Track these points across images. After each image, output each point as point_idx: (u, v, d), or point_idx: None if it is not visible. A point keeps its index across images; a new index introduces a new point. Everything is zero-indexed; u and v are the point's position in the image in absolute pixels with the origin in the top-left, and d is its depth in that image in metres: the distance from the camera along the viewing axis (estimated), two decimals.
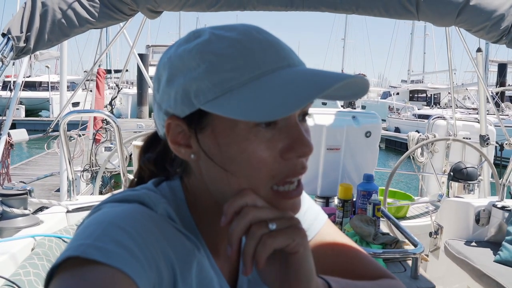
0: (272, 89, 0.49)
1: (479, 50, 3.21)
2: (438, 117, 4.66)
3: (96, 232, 0.49)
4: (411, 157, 4.19)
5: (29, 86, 21.72)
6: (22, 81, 2.80)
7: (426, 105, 23.67)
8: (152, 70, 24.48)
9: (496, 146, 3.88)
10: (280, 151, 0.53)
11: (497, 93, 17.66)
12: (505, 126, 3.40)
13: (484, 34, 2.11)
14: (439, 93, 24.61)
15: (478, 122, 3.81)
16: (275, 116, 0.47)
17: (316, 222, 0.78)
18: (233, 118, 0.50)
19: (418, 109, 20.09)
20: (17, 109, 18.92)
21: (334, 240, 0.77)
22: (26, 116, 19.46)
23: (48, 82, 19.88)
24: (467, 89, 17.71)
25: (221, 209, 0.56)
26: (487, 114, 3.95)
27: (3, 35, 1.95)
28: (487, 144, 3.52)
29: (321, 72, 0.51)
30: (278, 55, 0.53)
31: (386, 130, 18.45)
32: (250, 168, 0.53)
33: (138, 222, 0.52)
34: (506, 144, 3.34)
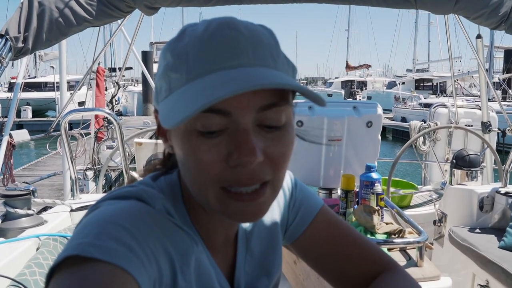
0: (187, 94, 0.48)
1: (478, 36, 3.19)
2: (440, 105, 4.64)
3: (94, 230, 0.49)
4: (414, 146, 4.18)
5: (35, 86, 21.84)
6: (22, 82, 2.80)
7: (432, 94, 23.56)
8: (156, 67, 24.38)
9: (498, 133, 3.86)
10: (225, 156, 0.50)
11: (504, 80, 17.52)
12: (507, 113, 3.39)
13: (482, 21, 2.10)
14: (445, 81, 24.44)
15: (480, 109, 3.79)
16: (168, 124, 0.47)
17: (310, 210, 0.77)
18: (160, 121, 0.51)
19: (425, 98, 19.98)
20: (24, 110, 19.03)
21: (329, 226, 0.76)
22: (33, 116, 19.55)
23: (53, 82, 19.89)
24: (472, 77, 17.57)
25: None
26: (493, 101, 3.94)
27: (1, 36, 1.94)
28: (489, 130, 3.50)
29: (236, 78, 0.47)
30: (220, 55, 0.49)
31: (393, 120, 18.39)
32: (195, 169, 0.52)
33: (136, 218, 0.52)
34: (508, 130, 3.32)
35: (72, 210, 1.97)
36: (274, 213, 0.75)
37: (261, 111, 0.51)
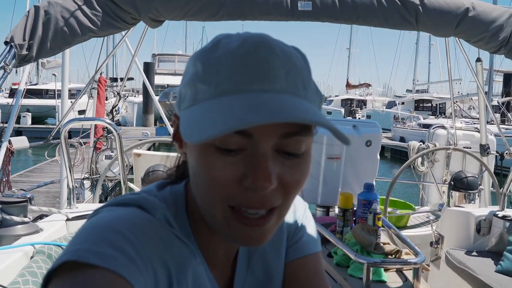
0: (213, 111, 0.48)
1: (478, 60, 3.23)
2: (439, 126, 4.66)
3: (92, 236, 0.49)
4: (412, 166, 4.19)
5: (36, 93, 21.91)
6: (24, 89, 2.81)
7: (432, 115, 23.70)
8: (158, 79, 24.74)
9: (496, 156, 3.88)
10: (239, 177, 0.50)
11: (503, 103, 17.66)
12: (506, 136, 3.40)
13: (482, 45, 2.13)
14: (445, 103, 24.63)
15: (479, 132, 3.81)
16: (191, 139, 0.47)
17: (305, 246, 0.74)
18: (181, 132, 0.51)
19: (424, 119, 20.13)
20: (23, 116, 19.02)
21: (313, 274, 0.73)
22: (32, 123, 19.54)
23: (54, 90, 19.94)
24: (471, 99, 17.71)
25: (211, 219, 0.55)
26: (492, 123, 3.97)
27: (6, 43, 1.96)
28: (488, 153, 3.51)
29: (266, 105, 0.46)
30: (253, 76, 0.48)
31: (391, 140, 18.47)
32: (207, 184, 0.51)
33: (135, 225, 0.52)
34: (506, 153, 3.33)
35: (68, 219, 1.96)
36: (282, 237, 0.73)
37: (282, 138, 0.50)
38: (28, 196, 1.82)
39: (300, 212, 0.77)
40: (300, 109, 0.47)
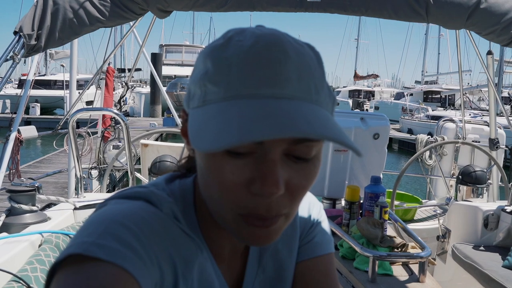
0: (222, 117, 0.46)
1: (489, 52, 3.18)
2: (447, 119, 4.62)
3: (99, 229, 0.48)
4: (419, 159, 4.17)
5: (45, 84, 22.04)
6: (32, 79, 2.83)
7: (441, 106, 23.45)
8: (165, 70, 24.73)
9: (505, 150, 3.84)
10: (247, 181, 0.49)
11: None
12: None
13: (494, 37, 2.09)
14: (454, 94, 24.34)
15: (488, 125, 3.77)
16: (198, 147, 0.45)
17: (318, 247, 0.73)
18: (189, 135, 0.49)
19: (433, 110, 19.95)
20: (32, 107, 19.21)
21: (324, 276, 0.72)
22: (41, 114, 19.72)
23: (63, 81, 20.00)
24: (481, 91, 17.52)
25: (220, 215, 0.54)
26: (501, 115, 3.94)
27: (15, 33, 1.97)
28: (497, 147, 3.48)
29: (277, 116, 0.44)
30: (264, 80, 0.47)
31: (399, 131, 18.35)
32: (215, 188, 0.51)
33: (142, 219, 0.52)
34: None
35: (75, 208, 1.98)
36: (295, 235, 0.72)
37: (293, 144, 0.49)
38: (36, 185, 1.83)
39: (315, 211, 0.76)
40: (311, 121, 0.45)
